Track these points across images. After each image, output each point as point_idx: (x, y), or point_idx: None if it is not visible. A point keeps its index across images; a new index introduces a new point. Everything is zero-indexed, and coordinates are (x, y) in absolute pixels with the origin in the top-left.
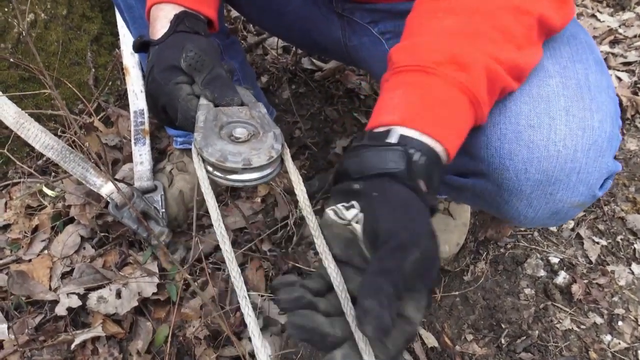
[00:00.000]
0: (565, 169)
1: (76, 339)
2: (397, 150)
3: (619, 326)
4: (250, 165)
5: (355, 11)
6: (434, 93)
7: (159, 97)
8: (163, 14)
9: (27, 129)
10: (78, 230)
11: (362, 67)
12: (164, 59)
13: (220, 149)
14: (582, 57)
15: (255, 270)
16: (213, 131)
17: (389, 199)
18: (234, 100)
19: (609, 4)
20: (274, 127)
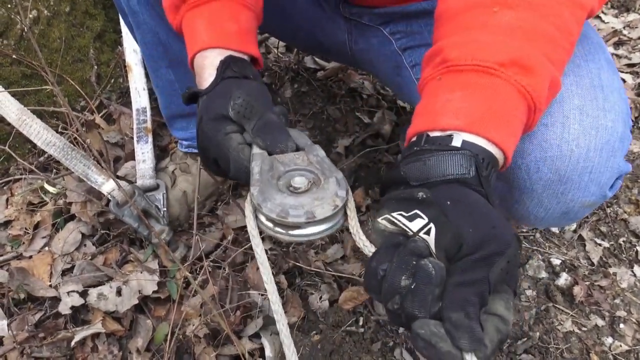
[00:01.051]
0: (578, 168)
1: (76, 336)
2: (466, 155)
3: (620, 328)
4: (314, 218)
5: (364, 15)
6: (498, 97)
7: (209, 149)
8: (209, 61)
9: (29, 125)
10: (79, 228)
11: (366, 69)
12: (212, 109)
13: (280, 204)
14: (594, 57)
15: (256, 269)
16: (270, 183)
17: (466, 207)
18: (288, 146)
19: (613, 5)
20: (336, 172)
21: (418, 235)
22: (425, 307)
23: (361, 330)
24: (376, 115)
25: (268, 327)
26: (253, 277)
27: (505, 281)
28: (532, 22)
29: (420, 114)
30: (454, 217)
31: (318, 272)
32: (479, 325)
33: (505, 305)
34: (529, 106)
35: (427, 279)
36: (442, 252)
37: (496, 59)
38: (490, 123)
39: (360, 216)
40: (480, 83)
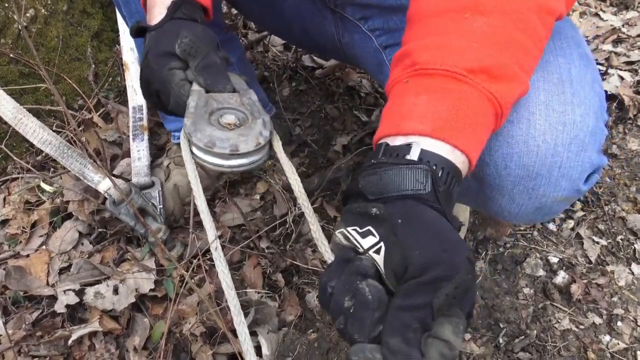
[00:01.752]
0: (546, 163)
1: (73, 335)
2: (422, 170)
3: (618, 326)
4: (237, 151)
5: (346, 6)
6: (465, 103)
7: (152, 82)
8: (160, 0)
9: (25, 124)
10: (76, 226)
11: (356, 64)
12: (159, 44)
13: (209, 135)
14: (565, 52)
15: (253, 267)
16: (203, 117)
17: (417, 226)
18: (225, 87)
19: (612, 3)
20: (264, 114)
21: (368, 253)
22: (363, 332)
23: None
24: (374, 114)
25: (264, 325)
26: (250, 275)
27: (455, 305)
28: (503, 29)
29: (385, 117)
30: (403, 237)
31: (315, 271)
32: (417, 351)
33: (454, 330)
34: (496, 113)
35: (363, 304)
36: (391, 272)
37: (465, 65)
38: (455, 129)
39: None
40: (447, 88)
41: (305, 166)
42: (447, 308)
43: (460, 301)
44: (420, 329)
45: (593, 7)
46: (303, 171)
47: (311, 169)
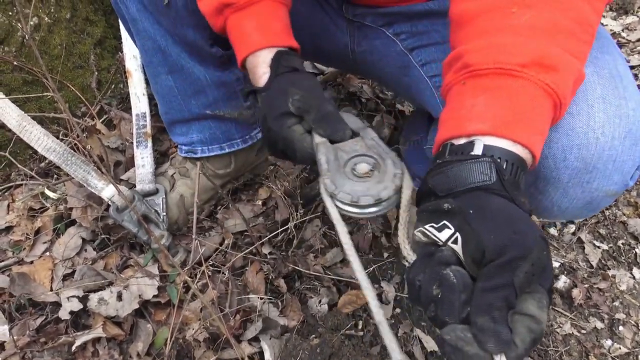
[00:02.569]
0: (603, 156)
1: (77, 341)
2: (486, 162)
3: (619, 331)
4: (381, 199)
5: (367, 16)
6: (522, 98)
7: (277, 142)
8: (261, 59)
9: (29, 131)
10: (79, 233)
11: (367, 72)
12: (273, 107)
13: (350, 190)
14: (609, 49)
15: (255, 273)
16: (339, 172)
17: (488, 214)
18: (346, 134)
19: (612, 7)
20: (390, 153)
21: (447, 244)
22: (453, 314)
23: (360, 333)
24: (375, 119)
25: (267, 331)
26: (252, 281)
27: (535, 282)
28: (550, 19)
29: (445, 120)
30: (476, 225)
31: (317, 276)
32: (506, 327)
33: (538, 305)
34: (555, 103)
35: (450, 288)
36: (470, 259)
37: (517, 60)
38: (515, 124)
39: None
40: (503, 85)
41: (307, 172)
42: (527, 285)
43: (540, 277)
44: (506, 307)
45: None
46: (305, 177)
47: (313, 174)
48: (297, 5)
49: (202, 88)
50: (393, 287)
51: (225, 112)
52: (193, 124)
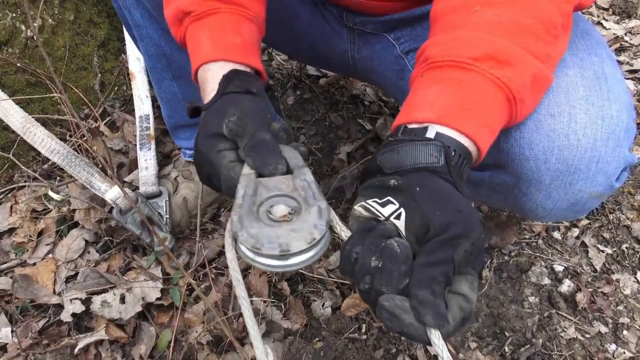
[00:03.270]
0: (585, 158)
1: (79, 343)
2: (436, 145)
3: (624, 335)
4: (288, 251)
5: (368, 23)
6: (471, 90)
7: (203, 165)
8: (210, 74)
9: (33, 133)
10: (82, 235)
11: (367, 77)
12: (207, 126)
13: (256, 234)
14: (597, 51)
15: (258, 276)
16: (250, 210)
17: (434, 193)
18: (277, 169)
19: (615, 11)
20: (320, 200)
21: (389, 220)
22: (391, 284)
23: (364, 337)
24: (378, 122)
25: (271, 334)
26: (255, 284)
27: (469, 263)
28: (511, 17)
29: (402, 108)
30: (422, 202)
31: (321, 279)
32: (443, 302)
33: (470, 286)
34: (508, 97)
35: (392, 257)
36: (412, 236)
37: (471, 53)
38: (461, 115)
39: None
40: (455, 77)
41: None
42: (465, 264)
43: (474, 260)
44: (444, 283)
45: (596, 16)
46: None
47: (316, 177)
48: (300, 11)
49: None
50: None
51: None
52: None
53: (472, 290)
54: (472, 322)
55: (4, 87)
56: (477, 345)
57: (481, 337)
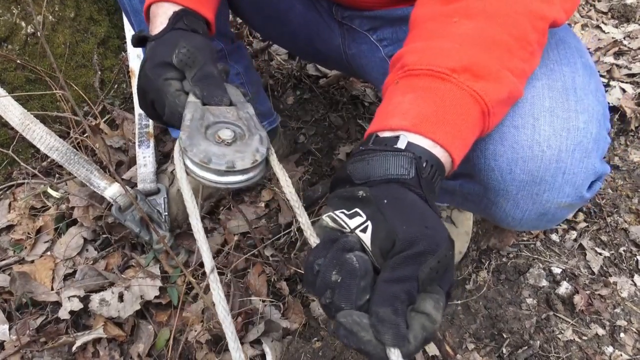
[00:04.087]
0: (550, 169)
1: (77, 341)
2: (407, 157)
3: (621, 338)
4: (233, 168)
5: (355, 19)
6: (447, 101)
7: (148, 91)
8: (162, 10)
9: (32, 130)
10: (81, 232)
11: (361, 75)
12: (156, 55)
13: (204, 150)
14: (570, 61)
15: (257, 275)
16: (199, 131)
17: (402, 206)
18: (222, 100)
19: (614, 15)
20: (261, 130)
21: (354, 232)
22: (350, 300)
23: None
24: None
25: (269, 333)
26: (254, 283)
27: (436, 281)
28: (488, 32)
29: (376, 115)
30: (389, 215)
31: None
32: (404, 321)
33: (435, 305)
34: (483, 111)
35: (351, 272)
36: (377, 249)
37: (449, 64)
38: (434, 125)
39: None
40: (431, 87)
41: (309, 174)
42: (429, 283)
43: (441, 278)
44: (407, 301)
45: (595, 20)
46: (307, 179)
47: (315, 177)
48: (294, 3)
49: None
50: None
51: None
52: None
53: (436, 310)
54: (470, 323)
55: (4, 83)
56: (475, 346)
57: (479, 338)
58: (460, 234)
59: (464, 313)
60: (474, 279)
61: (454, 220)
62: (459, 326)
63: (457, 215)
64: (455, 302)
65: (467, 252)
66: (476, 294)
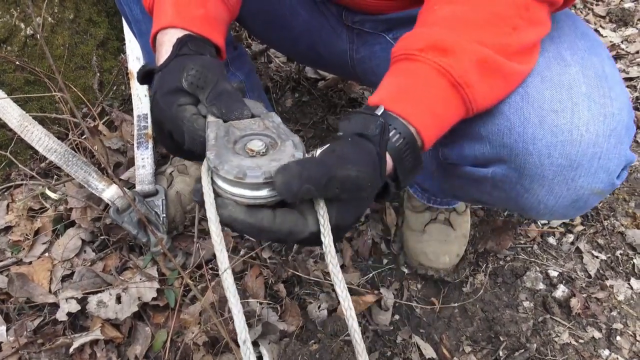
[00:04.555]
0: (588, 153)
1: (74, 343)
2: (376, 120)
3: (617, 341)
4: (272, 178)
5: (366, 22)
6: (415, 77)
7: (164, 122)
8: (167, 38)
9: (30, 132)
10: (79, 234)
11: (366, 79)
12: (165, 83)
13: (237, 165)
14: (597, 51)
15: (254, 277)
16: (227, 147)
17: (357, 146)
18: (243, 113)
19: (611, 19)
20: (292, 136)
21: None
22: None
23: None
24: None
25: (267, 336)
26: (252, 285)
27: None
28: (463, 12)
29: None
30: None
31: (317, 281)
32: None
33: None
34: (452, 83)
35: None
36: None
37: (418, 45)
38: (398, 99)
39: (360, 226)
40: (404, 68)
41: None
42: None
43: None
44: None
45: (593, 23)
46: None
47: None
48: (298, 9)
49: None
50: (392, 294)
51: None
52: None
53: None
54: (467, 326)
55: (3, 85)
56: (472, 349)
57: (476, 341)
58: (457, 237)
59: (460, 316)
60: (471, 281)
61: (452, 222)
62: (456, 329)
63: (455, 218)
64: (452, 305)
65: (465, 254)
66: (473, 296)
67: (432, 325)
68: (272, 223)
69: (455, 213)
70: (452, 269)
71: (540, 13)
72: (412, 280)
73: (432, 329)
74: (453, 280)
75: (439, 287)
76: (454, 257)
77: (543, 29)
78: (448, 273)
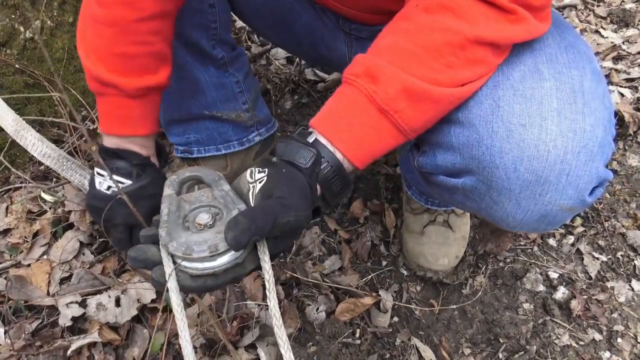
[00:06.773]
0: (555, 169)
1: (72, 345)
2: (310, 151)
3: (618, 343)
4: (217, 250)
5: (363, 30)
6: (345, 101)
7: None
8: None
9: (24, 137)
10: (77, 236)
11: None
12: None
13: (185, 242)
14: (578, 65)
15: (253, 279)
16: (177, 223)
17: (292, 181)
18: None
19: (612, 20)
20: (238, 203)
21: (255, 182)
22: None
23: (357, 342)
24: None
25: (264, 338)
26: (250, 287)
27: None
28: (400, 44)
29: None
30: (279, 179)
31: (315, 284)
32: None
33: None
34: (379, 109)
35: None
36: (260, 194)
37: (355, 71)
38: (329, 123)
39: (359, 227)
40: (341, 91)
41: None
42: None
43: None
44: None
45: (593, 25)
46: None
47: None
48: (299, 12)
49: (201, 89)
50: (391, 296)
51: (223, 114)
52: (191, 124)
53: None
54: (466, 328)
55: (2, 88)
56: (471, 351)
57: (475, 343)
58: (457, 239)
59: (460, 318)
60: (470, 283)
61: (451, 224)
62: (455, 331)
63: (454, 220)
64: (451, 307)
65: (464, 256)
66: (473, 298)
67: (432, 328)
68: (216, 281)
69: (454, 215)
70: (451, 270)
71: (479, 54)
72: (411, 282)
73: (431, 331)
74: (452, 282)
75: (438, 289)
76: (453, 259)
77: (484, 68)
78: (447, 275)
